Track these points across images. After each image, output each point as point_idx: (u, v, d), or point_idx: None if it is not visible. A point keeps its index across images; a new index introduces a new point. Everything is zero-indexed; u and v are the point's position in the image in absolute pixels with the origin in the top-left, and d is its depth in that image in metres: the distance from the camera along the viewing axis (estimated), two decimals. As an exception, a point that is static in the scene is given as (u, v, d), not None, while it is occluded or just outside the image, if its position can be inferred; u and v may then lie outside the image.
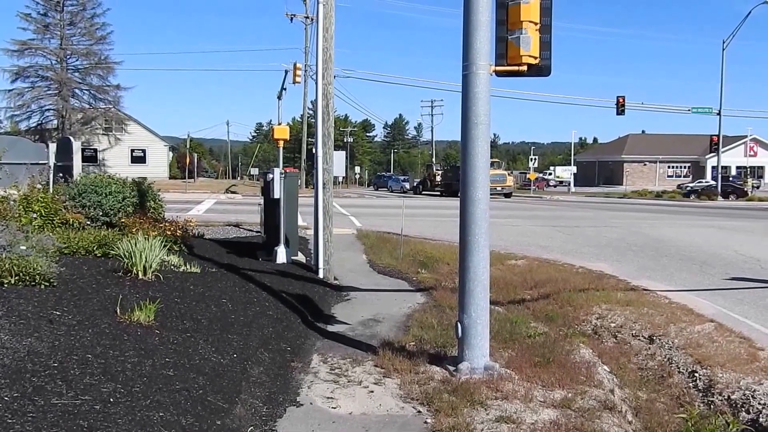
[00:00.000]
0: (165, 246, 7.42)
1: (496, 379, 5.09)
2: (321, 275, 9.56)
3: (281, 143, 11.77)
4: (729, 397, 5.48)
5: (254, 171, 75.22)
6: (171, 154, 60.73)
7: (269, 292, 7.71)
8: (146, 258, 6.74)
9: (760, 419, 5.10)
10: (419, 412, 4.61)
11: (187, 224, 10.77)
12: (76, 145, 13.72)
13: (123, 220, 9.77)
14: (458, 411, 4.50)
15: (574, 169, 61.21)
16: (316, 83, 9.75)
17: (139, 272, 6.69)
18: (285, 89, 28.21)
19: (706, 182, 51.86)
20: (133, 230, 8.54)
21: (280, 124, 16.55)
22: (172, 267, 7.58)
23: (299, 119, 63.89)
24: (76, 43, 38.05)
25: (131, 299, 5.79)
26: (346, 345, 6.26)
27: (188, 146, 68.56)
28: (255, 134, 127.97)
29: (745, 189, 44.87)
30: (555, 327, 7.29)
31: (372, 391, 4.98)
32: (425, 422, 4.45)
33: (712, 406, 5.48)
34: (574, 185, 57.18)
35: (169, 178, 53.36)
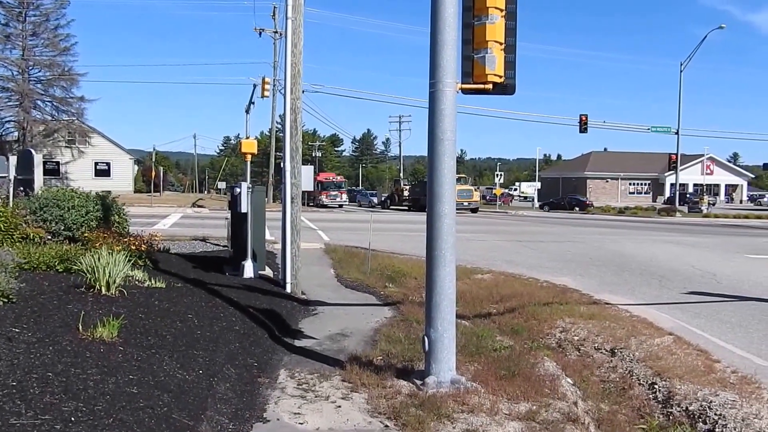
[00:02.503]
0: (129, 261, 7.32)
1: (462, 392, 5.15)
2: (288, 290, 9.52)
3: (249, 157, 11.71)
4: (687, 408, 5.62)
5: (221, 185, 74.66)
6: (136, 167, 59.85)
7: (236, 307, 7.65)
8: (110, 273, 6.64)
9: (716, 429, 5.25)
10: (386, 426, 4.63)
11: (152, 239, 10.64)
12: (38, 158, 13.45)
13: (86, 235, 9.60)
14: (425, 425, 4.54)
15: (538, 185, 62.24)
16: (285, 98, 9.77)
17: (103, 287, 6.58)
18: (253, 103, 28.12)
19: None
20: (97, 245, 8.40)
21: (248, 137, 16.48)
22: (137, 282, 7.48)
23: (267, 133, 63.62)
24: (39, 53, 37.29)
25: (94, 315, 5.68)
26: (313, 360, 6.25)
27: (154, 159, 67.67)
28: (222, 148, 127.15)
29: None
30: (520, 340, 7.39)
31: (339, 406, 4.98)
32: (392, 437, 4.47)
33: (671, 417, 5.61)
34: (539, 201, 58.01)
35: (135, 192, 52.58)
